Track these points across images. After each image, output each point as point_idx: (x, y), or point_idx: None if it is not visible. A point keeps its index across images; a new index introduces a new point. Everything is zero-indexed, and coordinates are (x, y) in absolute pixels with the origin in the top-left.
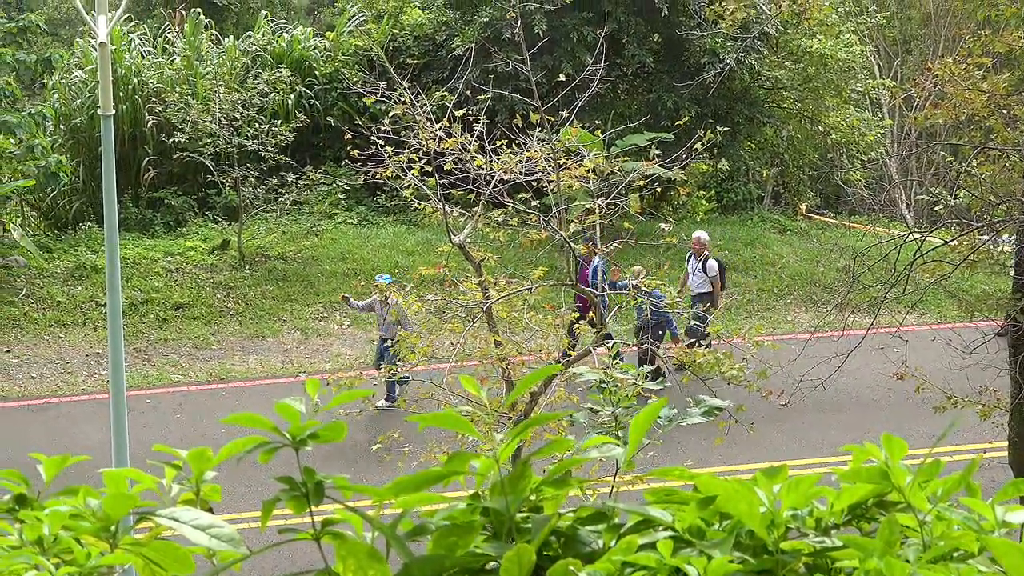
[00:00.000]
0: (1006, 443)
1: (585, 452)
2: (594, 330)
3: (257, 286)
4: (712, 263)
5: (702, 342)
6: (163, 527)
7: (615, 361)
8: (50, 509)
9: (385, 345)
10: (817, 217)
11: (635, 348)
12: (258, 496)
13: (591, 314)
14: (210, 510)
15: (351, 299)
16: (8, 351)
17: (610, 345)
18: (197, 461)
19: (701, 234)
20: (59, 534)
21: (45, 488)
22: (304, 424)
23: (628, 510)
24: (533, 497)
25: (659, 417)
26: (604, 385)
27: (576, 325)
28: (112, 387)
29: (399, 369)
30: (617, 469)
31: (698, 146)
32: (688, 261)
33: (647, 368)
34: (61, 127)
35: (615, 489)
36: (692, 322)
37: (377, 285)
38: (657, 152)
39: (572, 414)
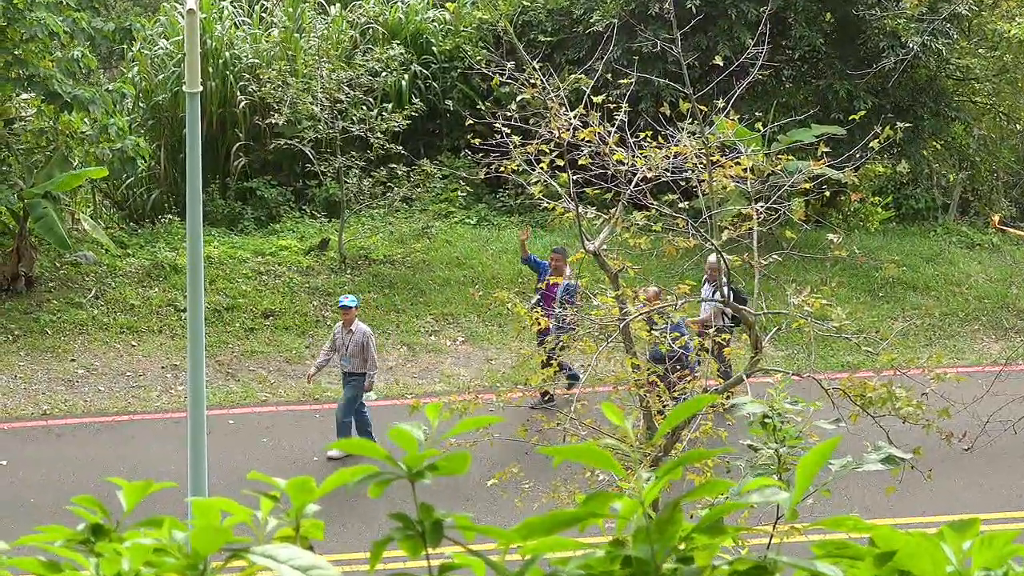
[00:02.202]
0: None
1: (745, 496)
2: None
3: (359, 293)
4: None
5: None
6: (258, 566)
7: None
8: (131, 542)
9: (349, 383)
10: (1012, 231)
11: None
12: (366, 535)
13: (551, 338)
14: (311, 548)
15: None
16: (73, 360)
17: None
18: (298, 492)
19: (712, 259)
20: (140, 571)
21: (124, 518)
22: (422, 453)
23: (794, 565)
24: (682, 546)
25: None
26: (768, 419)
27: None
28: (191, 405)
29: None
30: (777, 517)
31: (874, 144)
32: (703, 287)
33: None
34: (140, 105)
35: (780, 541)
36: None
37: (350, 311)
38: (826, 150)
39: (730, 451)
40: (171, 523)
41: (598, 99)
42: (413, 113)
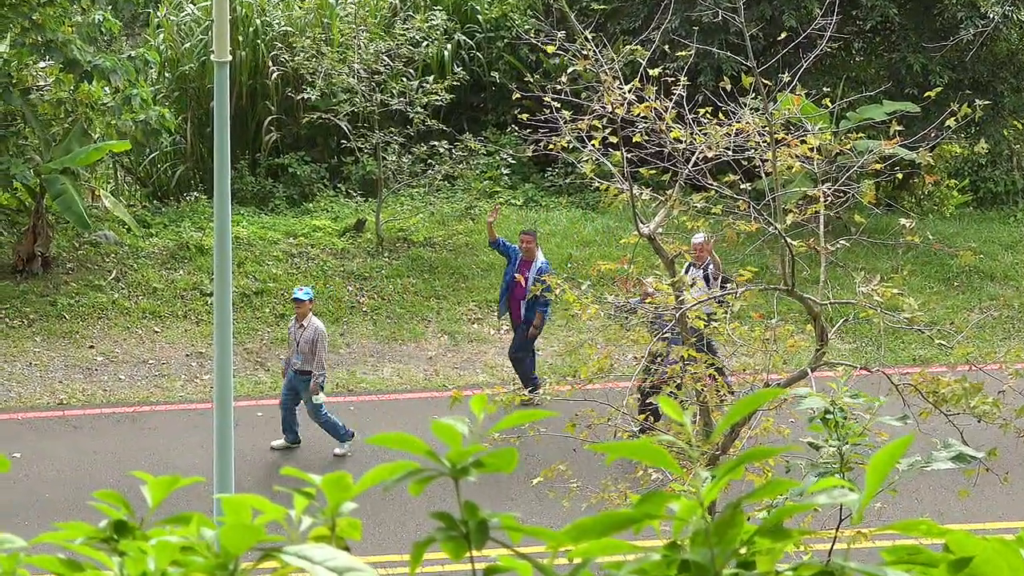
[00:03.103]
0: None
1: (810, 497)
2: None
3: (397, 278)
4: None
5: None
6: (291, 567)
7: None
8: (157, 540)
9: (302, 383)
10: None
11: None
12: (401, 535)
13: (533, 330)
14: (347, 549)
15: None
16: (92, 346)
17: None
18: (334, 489)
19: (700, 238)
20: (167, 570)
21: (150, 514)
22: (466, 449)
23: (863, 571)
24: (743, 550)
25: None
26: (829, 416)
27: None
28: (217, 395)
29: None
30: (841, 520)
31: (950, 123)
32: (687, 271)
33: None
34: (166, 75)
35: (849, 547)
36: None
37: (303, 304)
38: (899, 128)
39: (795, 449)
40: (199, 520)
41: (654, 72)
42: (456, 85)
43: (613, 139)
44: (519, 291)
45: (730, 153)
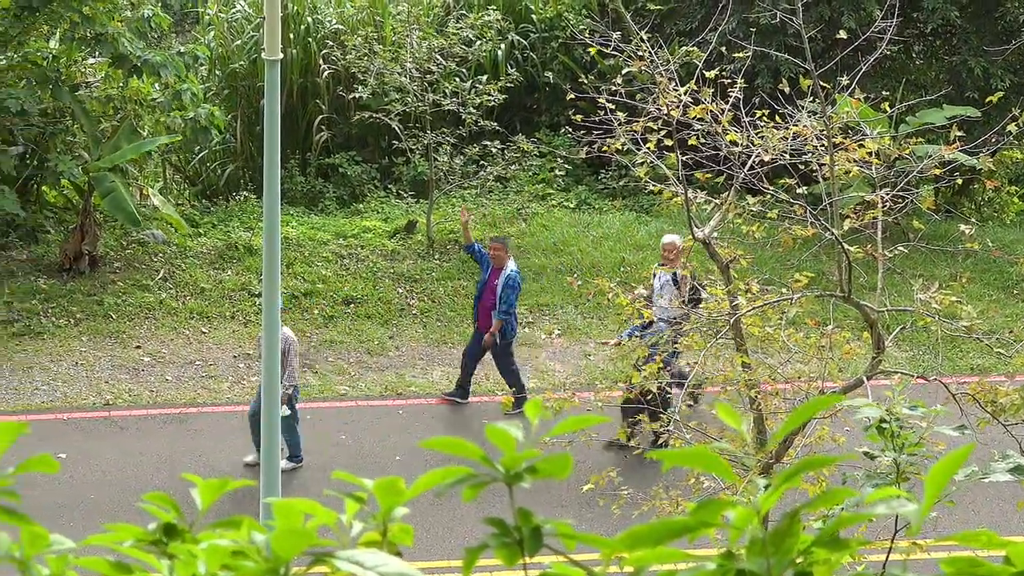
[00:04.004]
0: None
1: (868, 507)
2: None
3: (447, 280)
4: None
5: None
6: (342, 573)
7: None
8: (207, 543)
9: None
10: None
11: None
12: (454, 540)
13: (488, 336)
14: (399, 554)
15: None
16: (139, 346)
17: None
18: (386, 494)
19: (674, 238)
20: (217, 574)
21: (199, 517)
22: (520, 454)
23: None
24: (800, 560)
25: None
26: (885, 425)
27: None
28: (265, 397)
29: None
30: (896, 531)
31: (1012, 128)
32: (655, 276)
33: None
34: (216, 72)
35: (906, 558)
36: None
37: None
38: (960, 134)
39: (853, 458)
40: (250, 524)
41: (711, 74)
42: (509, 86)
43: (668, 142)
44: (487, 299)
45: (787, 157)
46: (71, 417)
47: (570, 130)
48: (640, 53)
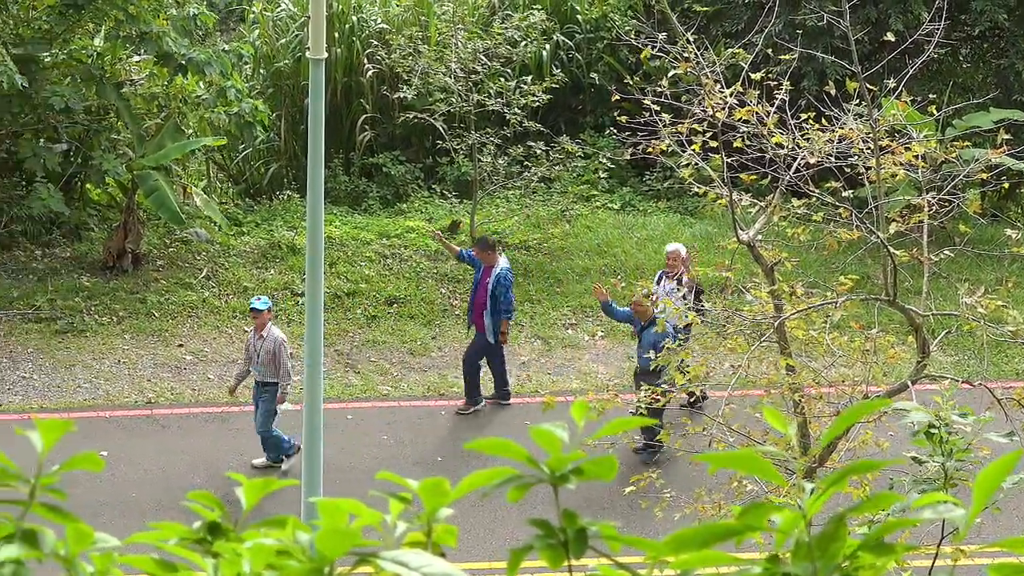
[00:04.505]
0: None
1: (915, 512)
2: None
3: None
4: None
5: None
6: (386, 573)
7: None
8: (252, 542)
9: (263, 395)
10: None
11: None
12: (496, 541)
13: (503, 337)
14: (443, 555)
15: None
16: (181, 345)
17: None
18: (431, 494)
19: (678, 247)
20: (262, 573)
21: (244, 516)
22: (566, 456)
23: None
24: (846, 564)
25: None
26: (934, 430)
27: None
28: (307, 397)
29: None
30: (942, 537)
31: None
32: (658, 282)
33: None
34: (260, 71)
35: (955, 563)
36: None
37: (261, 314)
38: (1007, 137)
39: (900, 463)
40: (294, 523)
41: (757, 76)
42: (554, 86)
43: (713, 143)
44: (479, 298)
45: (833, 159)
46: (113, 415)
47: (615, 131)
48: (686, 55)
